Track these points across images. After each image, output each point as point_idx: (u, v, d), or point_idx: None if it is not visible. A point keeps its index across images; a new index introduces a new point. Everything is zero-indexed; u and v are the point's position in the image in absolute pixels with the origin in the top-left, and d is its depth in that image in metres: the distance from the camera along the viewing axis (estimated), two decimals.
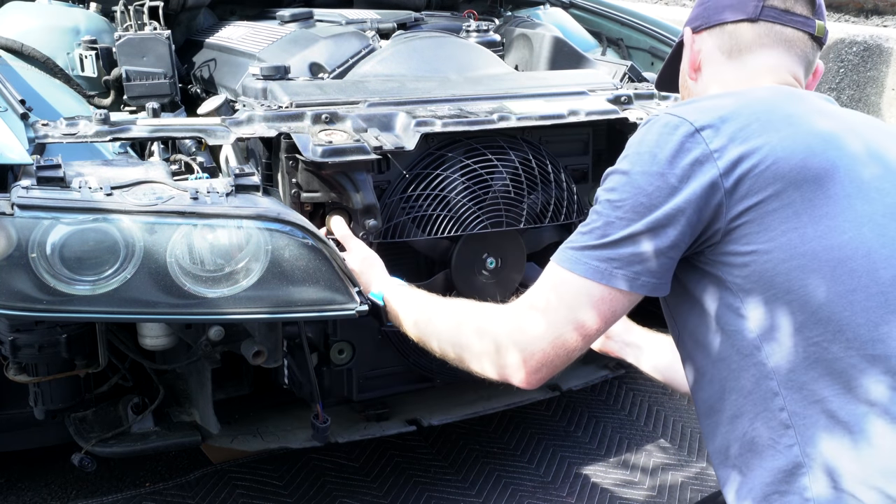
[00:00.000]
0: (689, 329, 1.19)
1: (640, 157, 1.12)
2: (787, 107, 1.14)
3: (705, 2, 1.30)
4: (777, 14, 1.24)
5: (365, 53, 2.26)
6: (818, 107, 1.18)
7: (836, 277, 1.06)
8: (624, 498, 2.31)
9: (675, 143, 1.09)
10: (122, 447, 1.99)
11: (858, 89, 3.75)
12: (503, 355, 1.19)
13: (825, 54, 3.89)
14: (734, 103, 1.14)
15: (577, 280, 1.13)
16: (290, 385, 2.01)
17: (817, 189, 1.07)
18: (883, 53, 3.66)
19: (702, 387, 1.19)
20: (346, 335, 1.93)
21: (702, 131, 1.09)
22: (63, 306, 1.51)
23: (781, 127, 1.10)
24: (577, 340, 1.14)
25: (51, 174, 1.55)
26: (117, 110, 2.22)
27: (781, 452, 1.08)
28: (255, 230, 1.54)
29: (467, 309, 1.33)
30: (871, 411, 1.04)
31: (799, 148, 1.08)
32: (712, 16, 1.28)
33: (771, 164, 1.06)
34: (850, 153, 1.12)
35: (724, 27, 1.27)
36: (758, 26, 1.25)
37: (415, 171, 1.88)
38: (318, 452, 2.38)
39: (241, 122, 1.78)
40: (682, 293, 1.18)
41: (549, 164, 2.00)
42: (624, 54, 2.98)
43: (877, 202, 1.10)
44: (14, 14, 2.41)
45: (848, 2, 4.79)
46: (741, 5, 1.25)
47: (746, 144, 1.07)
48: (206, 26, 2.80)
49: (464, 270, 1.97)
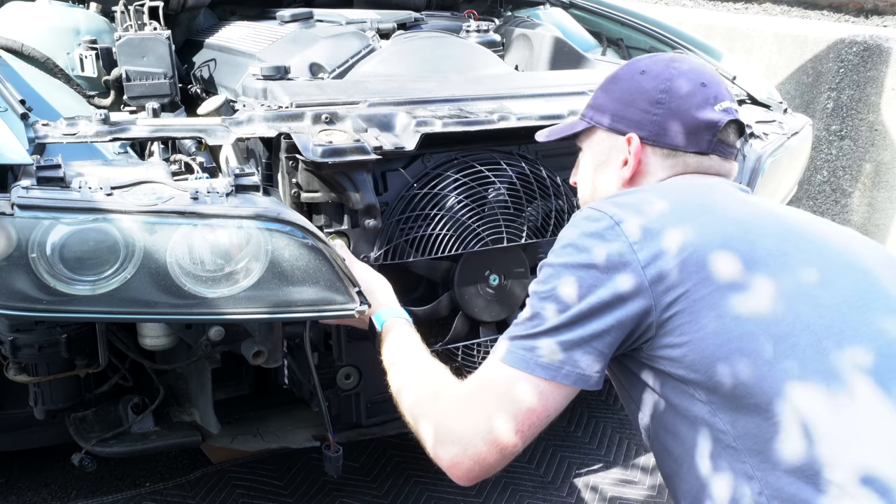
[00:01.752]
0: (655, 420, 1.19)
1: (563, 251, 1.16)
2: (701, 196, 1.19)
3: (653, 112, 1.29)
4: (724, 148, 1.30)
5: (365, 53, 2.26)
6: (731, 194, 1.22)
7: (778, 355, 1.05)
8: (624, 498, 2.31)
9: (595, 235, 1.13)
10: (123, 447, 1.99)
11: (858, 89, 3.75)
12: (439, 447, 1.18)
13: (825, 54, 3.90)
14: (650, 198, 1.17)
15: (506, 370, 1.14)
16: (290, 385, 2.01)
17: (743, 272, 1.08)
18: (883, 53, 3.66)
19: (680, 480, 1.17)
20: (353, 360, 1.91)
21: (620, 224, 1.12)
22: (63, 306, 1.51)
23: (697, 215, 1.13)
24: (509, 434, 1.13)
25: (51, 174, 1.55)
26: (117, 110, 2.22)
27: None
28: (255, 230, 1.54)
29: (427, 390, 1.29)
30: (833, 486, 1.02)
31: (716, 235, 1.11)
32: (662, 136, 1.29)
33: (692, 254, 1.09)
34: (769, 233, 1.14)
35: (675, 152, 1.29)
36: (707, 159, 1.29)
37: (412, 192, 1.85)
38: (318, 452, 2.38)
39: (241, 122, 1.78)
40: (635, 382, 1.19)
41: (546, 177, 1.98)
42: (624, 54, 2.98)
43: (805, 275, 1.10)
44: (14, 14, 2.40)
45: (848, 2, 4.79)
46: (695, 135, 1.28)
47: (665, 236, 1.10)
48: (206, 26, 2.80)
49: (467, 289, 1.96)
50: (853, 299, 1.10)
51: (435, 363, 1.35)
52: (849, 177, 3.84)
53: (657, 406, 1.17)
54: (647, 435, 1.24)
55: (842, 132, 3.83)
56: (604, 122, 1.35)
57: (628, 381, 1.22)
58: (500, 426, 1.13)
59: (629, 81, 1.33)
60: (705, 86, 1.29)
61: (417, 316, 1.88)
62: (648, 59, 1.37)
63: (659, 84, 1.29)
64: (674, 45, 2.76)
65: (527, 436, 1.15)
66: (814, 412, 1.03)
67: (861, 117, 3.75)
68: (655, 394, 1.16)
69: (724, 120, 1.28)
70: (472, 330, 2.01)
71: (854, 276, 1.13)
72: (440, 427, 1.19)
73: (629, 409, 1.27)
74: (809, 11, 4.97)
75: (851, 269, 1.14)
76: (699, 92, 1.29)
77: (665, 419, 1.16)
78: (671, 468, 1.19)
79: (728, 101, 1.31)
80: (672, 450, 1.17)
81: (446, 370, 1.32)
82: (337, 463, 1.86)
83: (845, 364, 1.05)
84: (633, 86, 1.32)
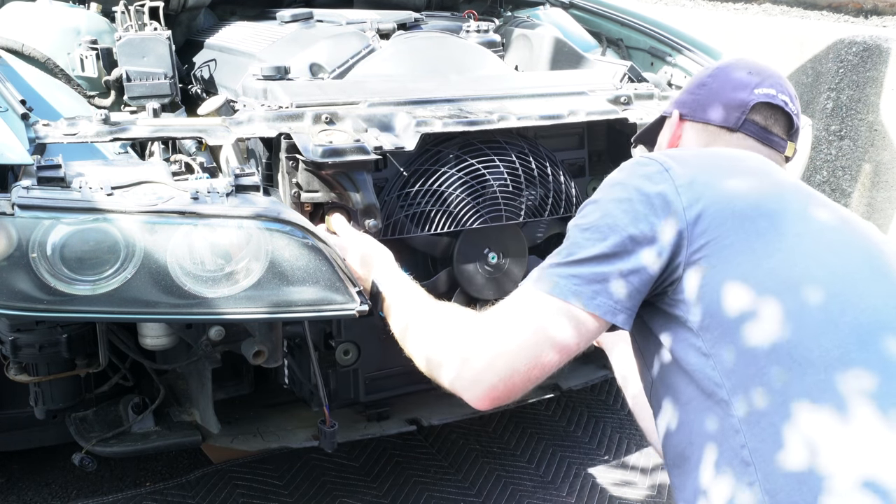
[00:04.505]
0: (659, 376, 1.20)
1: (610, 188, 1.20)
2: (747, 161, 1.25)
3: (697, 93, 1.41)
4: (756, 130, 1.36)
5: (365, 53, 2.26)
6: (773, 167, 1.27)
7: (788, 303, 1.09)
8: (624, 498, 2.32)
9: (644, 176, 1.17)
10: (123, 447, 1.99)
11: (858, 89, 3.75)
12: (464, 371, 1.17)
13: (825, 54, 3.90)
14: (701, 154, 1.27)
15: (538, 296, 1.14)
16: (290, 385, 2.02)
17: (769, 226, 1.13)
18: (882, 53, 3.66)
19: (670, 434, 1.19)
20: (351, 336, 1.93)
21: (669, 170, 1.17)
22: (63, 306, 1.51)
23: (738, 174, 1.19)
24: (544, 362, 1.13)
25: (51, 174, 1.55)
26: (118, 110, 2.22)
27: (744, 491, 1.06)
28: (255, 230, 1.54)
29: (444, 318, 1.29)
30: (825, 437, 1.03)
31: (754, 191, 1.16)
32: (699, 112, 1.39)
33: (728, 203, 1.14)
34: (800, 198, 1.19)
35: (707, 126, 1.38)
36: (735, 136, 1.36)
37: (412, 168, 1.88)
38: (318, 452, 2.38)
39: (241, 122, 1.78)
40: (650, 339, 1.20)
41: (545, 158, 2.00)
42: (624, 54, 2.98)
43: (825, 241, 1.15)
44: (14, 14, 2.41)
45: (848, 2, 4.80)
46: (727, 112, 1.36)
47: (708, 186, 1.15)
48: (206, 26, 2.80)
49: (466, 266, 1.98)
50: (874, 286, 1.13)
51: (445, 302, 1.34)
52: (848, 177, 3.85)
53: (660, 356, 1.19)
54: (649, 392, 1.25)
55: (841, 132, 3.83)
56: (669, 109, 1.46)
57: (644, 339, 1.23)
58: (534, 354, 1.12)
59: (695, 76, 1.46)
60: (752, 73, 1.37)
61: None
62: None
63: (708, 69, 1.43)
64: (674, 45, 2.76)
65: (554, 366, 1.14)
66: (809, 362, 1.05)
67: (860, 117, 3.76)
68: (662, 343, 1.17)
69: (754, 101, 1.34)
70: (470, 307, 2.02)
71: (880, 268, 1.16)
72: (467, 360, 1.17)
73: (641, 373, 1.29)
74: (809, 12, 4.97)
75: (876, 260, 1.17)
76: (744, 78, 1.37)
77: (668, 374, 1.17)
78: (666, 424, 1.20)
79: (773, 90, 1.36)
80: (671, 402, 1.18)
81: (459, 306, 1.32)
82: (332, 438, 1.87)
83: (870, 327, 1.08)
84: (693, 79, 1.46)
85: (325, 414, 1.85)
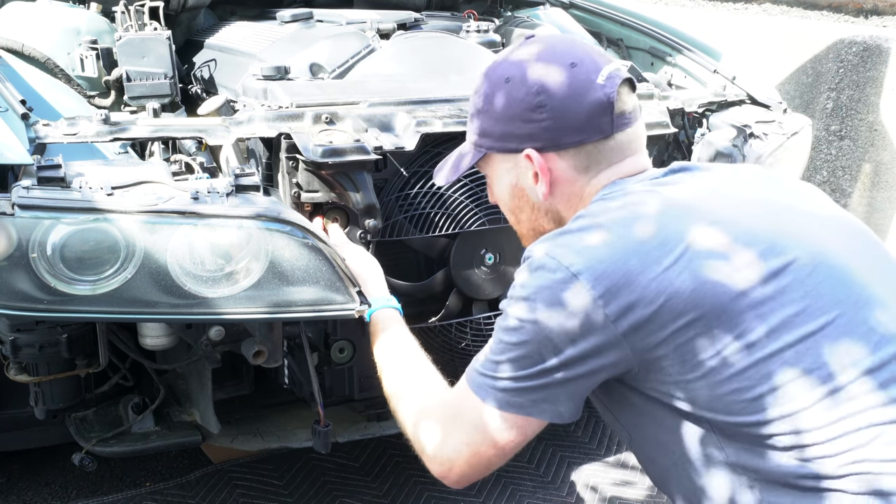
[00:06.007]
0: (646, 435, 1.18)
1: (527, 304, 1.10)
2: (658, 228, 1.08)
3: (539, 122, 1.18)
4: (627, 118, 1.20)
5: (365, 53, 2.26)
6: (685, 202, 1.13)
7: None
8: (624, 498, 2.32)
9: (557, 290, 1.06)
10: (123, 447, 1.99)
11: (858, 89, 3.75)
12: (427, 459, 1.23)
13: (825, 54, 3.90)
14: (606, 238, 1.08)
15: (479, 404, 1.15)
16: (290, 385, 2.01)
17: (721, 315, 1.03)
18: (882, 53, 3.66)
19: (677, 482, 1.17)
20: (347, 334, 1.93)
21: (579, 277, 1.05)
22: (63, 306, 1.51)
23: (661, 258, 1.05)
24: (489, 457, 1.17)
25: (51, 174, 1.55)
26: (118, 110, 2.22)
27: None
28: (255, 230, 1.54)
29: (417, 384, 1.32)
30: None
31: (686, 282, 1.03)
32: (561, 137, 1.18)
33: (664, 303, 1.03)
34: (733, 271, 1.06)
35: (582, 147, 1.19)
36: (613, 140, 1.20)
37: (412, 170, 1.88)
38: (318, 452, 2.38)
39: (241, 122, 1.78)
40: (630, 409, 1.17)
41: None
42: (624, 54, 2.98)
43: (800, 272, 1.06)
44: (14, 14, 2.41)
45: (848, 2, 4.80)
46: (596, 126, 1.18)
47: (631, 282, 1.04)
48: (206, 26, 2.80)
49: (463, 267, 1.98)
50: (844, 296, 1.07)
51: (424, 368, 1.34)
52: (848, 177, 3.84)
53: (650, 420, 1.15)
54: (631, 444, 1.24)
55: (841, 132, 3.83)
56: (495, 146, 1.25)
57: (610, 399, 1.19)
58: (480, 451, 1.16)
59: (500, 96, 1.22)
60: (576, 65, 1.18)
61: (412, 292, 1.92)
62: (503, 62, 1.25)
63: (530, 87, 1.18)
64: (674, 45, 2.76)
65: (508, 454, 1.18)
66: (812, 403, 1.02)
67: (860, 117, 3.75)
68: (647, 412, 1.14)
69: (613, 93, 1.17)
70: (466, 307, 2.04)
71: (841, 277, 1.09)
72: (427, 444, 1.22)
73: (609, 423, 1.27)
74: (809, 12, 4.97)
75: (834, 267, 1.09)
76: (574, 76, 1.17)
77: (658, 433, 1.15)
78: (661, 475, 1.20)
79: (606, 66, 1.19)
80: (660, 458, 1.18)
81: (434, 377, 1.32)
82: (326, 438, 1.86)
83: (843, 363, 1.04)
84: (506, 99, 1.21)
85: (320, 413, 1.85)
